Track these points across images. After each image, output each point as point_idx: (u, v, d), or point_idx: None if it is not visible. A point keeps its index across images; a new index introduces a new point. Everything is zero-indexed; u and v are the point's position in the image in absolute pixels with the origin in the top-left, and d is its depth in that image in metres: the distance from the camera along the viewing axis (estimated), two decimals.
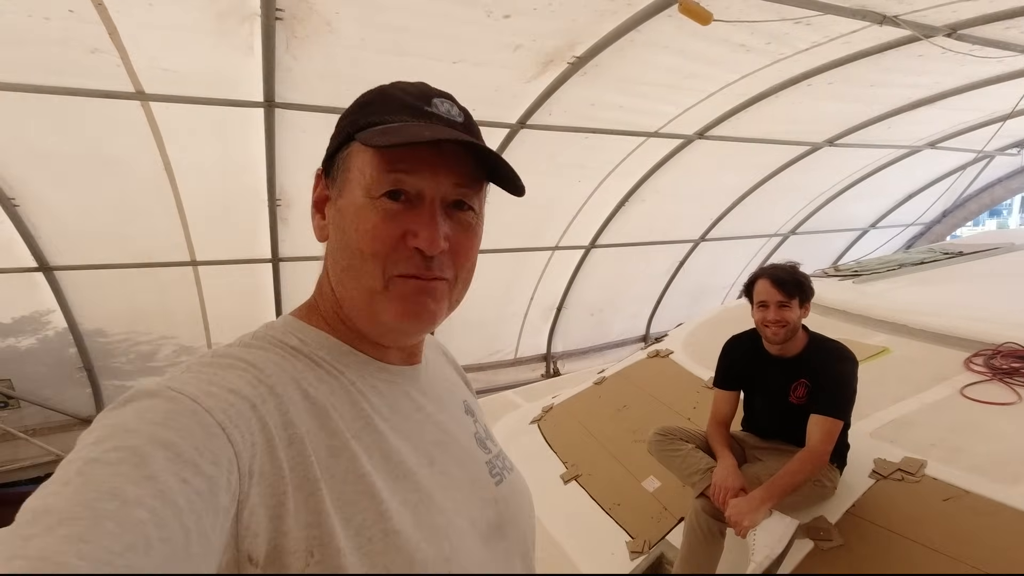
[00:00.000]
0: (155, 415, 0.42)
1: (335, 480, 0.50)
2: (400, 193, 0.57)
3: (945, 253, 4.87)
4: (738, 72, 3.69)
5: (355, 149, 0.58)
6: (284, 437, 0.48)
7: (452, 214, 0.60)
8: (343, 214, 0.59)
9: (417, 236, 0.57)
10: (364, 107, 0.61)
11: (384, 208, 0.57)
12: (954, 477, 2.05)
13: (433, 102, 0.61)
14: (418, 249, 0.57)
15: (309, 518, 0.47)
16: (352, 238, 0.58)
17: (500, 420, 3.92)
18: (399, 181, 0.57)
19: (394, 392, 0.62)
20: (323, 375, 0.57)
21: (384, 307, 0.58)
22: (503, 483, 0.68)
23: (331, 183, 0.61)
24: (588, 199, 5.28)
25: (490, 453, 0.70)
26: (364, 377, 0.60)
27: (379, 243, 0.57)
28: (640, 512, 2.57)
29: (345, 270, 0.59)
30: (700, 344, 3.73)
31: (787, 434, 2.13)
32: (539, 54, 3.17)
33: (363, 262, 0.57)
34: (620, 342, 7.33)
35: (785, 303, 2.00)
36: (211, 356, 0.53)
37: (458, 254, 0.61)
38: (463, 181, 0.59)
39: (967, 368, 2.71)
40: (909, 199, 7.74)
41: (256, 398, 0.48)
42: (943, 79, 4.22)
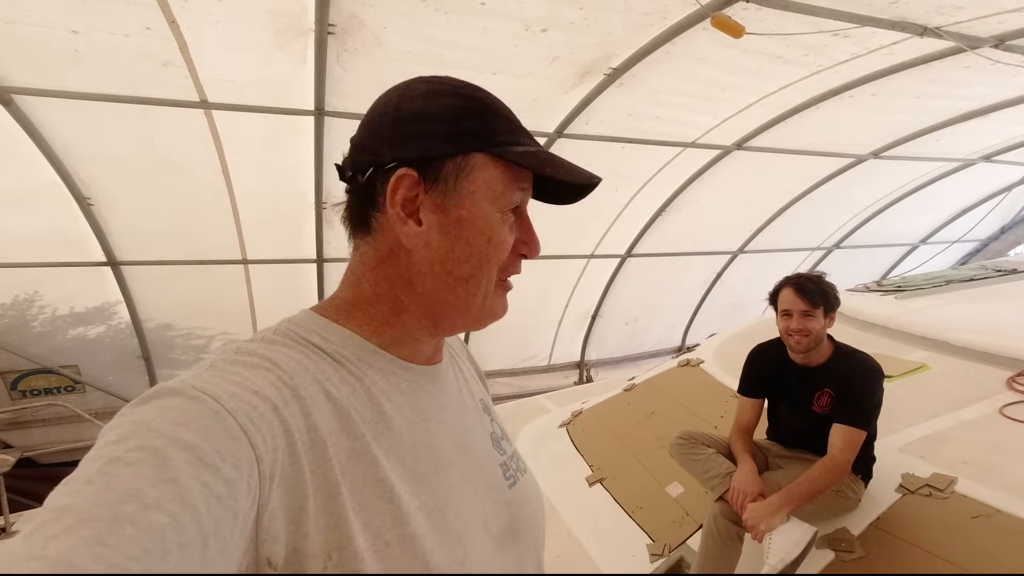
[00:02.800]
0: (178, 415, 0.42)
1: (355, 484, 0.50)
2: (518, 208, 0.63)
3: (997, 270, 4.68)
4: (776, 83, 3.69)
5: (482, 162, 0.59)
6: (306, 440, 0.48)
7: None
8: (466, 225, 0.59)
9: (528, 246, 0.64)
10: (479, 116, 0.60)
11: (509, 222, 0.61)
12: (985, 495, 2.01)
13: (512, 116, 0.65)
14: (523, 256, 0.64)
15: (328, 521, 0.47)
16: (482, 249, 0.59)
17: (530, 423, 3.99)
18: (521, 199, 0.62)
19: (416, 392, 0.62)
20: (346, 375, 0.57)
21: (491, 308, 0.63)
22: (516, 485, 0.68)
23: (431, 187, 0.58)
24: (624, 208, 5.31)
25: (505, 454, 0.71)
26: (387, 377, 0.60)
27: (501, 253, 0.61)
28: (662, 516, 2.60)
29: (465, 279, 0.60)
30: (732, 354, 3.71)
31: (810, 443, 2.13)
32: (576, 66, 3.26)
33: (486, 270, 0.60)
34: (655, 352, 7.28)
35: (809, 312, 2.01)
36: (235, 353, 0.52)
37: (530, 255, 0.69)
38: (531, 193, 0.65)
39: (1010, 387, 2.63)
40: (963, 214, 7.43)
41: (279, 400, 0.48)
42: (995, 91, 4.09)
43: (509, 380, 6.55)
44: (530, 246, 0.63)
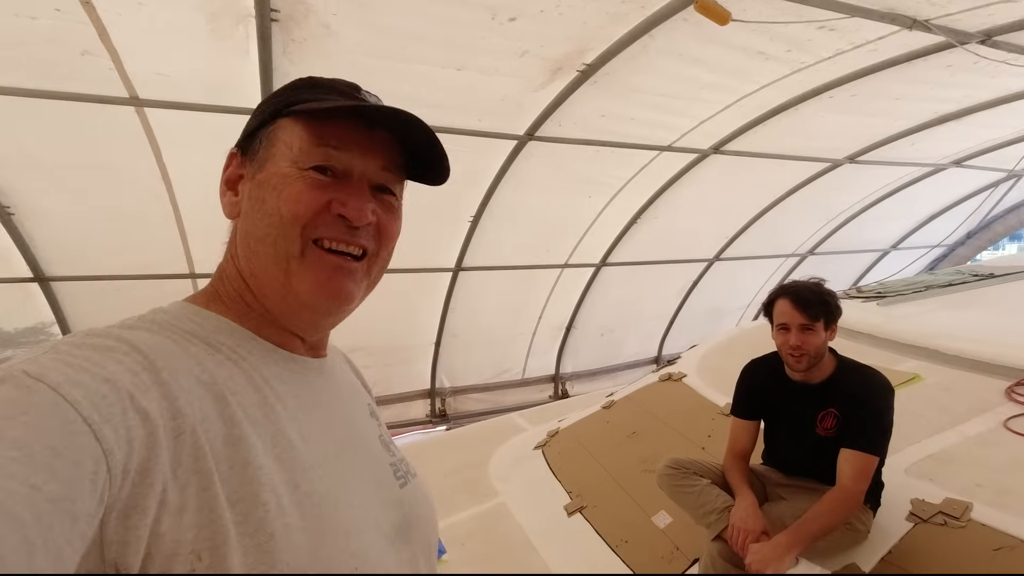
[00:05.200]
0: (3, 408, 0.37)
1: (232, 472, 0.47)
2: (327, 169, 0.58)
3: (975, 275, 4.63)
4: (756, 82, 3.53)
5: (282, 125, 0.59)
6: (171, 428, 0.44)
7: (377, 195, 0.62)
8: (263, 185, 0.58)
9: (345, 205, 0.58)
10: (293, 89, 0.63)
11: (312, 178, 0.57)
12: (1006, 523, 1.82)
13: (363, 92, 0.64)
14: (343, 218, 0.58)
15: (198, 517, 0.43)
16: (272, 204, 0.57)
17: (503, 444, 3.74)
18: (328, 156, 0.58)
19: (301, 383, 0.60)
20: (222, 360, 0.53)
21: (300, 277, 0.57)
22: (407, 487, 0.67)
23: (248, 161, 0.61)
24: (599, 215, 5.12)
25: (394, 456, 0.69)
26: (269, 365, 0.57)
27: (302, 207, 0.57)
28: (650, 551, 2.37)
29: (260, 240, 0.57)
30: (716, 367, 3.53)
31: (814, 470, 1.92)
32: (547, 61, 3.04)
33: (282, 228, 0.56)
34: (632, 363, 7.10)
35: (809, 326, 1.81)
36: (84, 335, 0.47)
37: (383, 232, 0.63)
38: (389, 166, 0.62)
39: (1009, 398, 2.49)
40: (933, 219, 7.48)
41: (135, 386, 0.44)
42: (973, 92, 4.03)
43: (482, 396, 6.28)
44: (347, 205, 0.58)
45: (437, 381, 5.91)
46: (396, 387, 5.72)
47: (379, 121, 0.60)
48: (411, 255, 4.80)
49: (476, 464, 3.43)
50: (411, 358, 5.66)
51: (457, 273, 5.10)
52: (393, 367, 5.57)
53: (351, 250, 0.60)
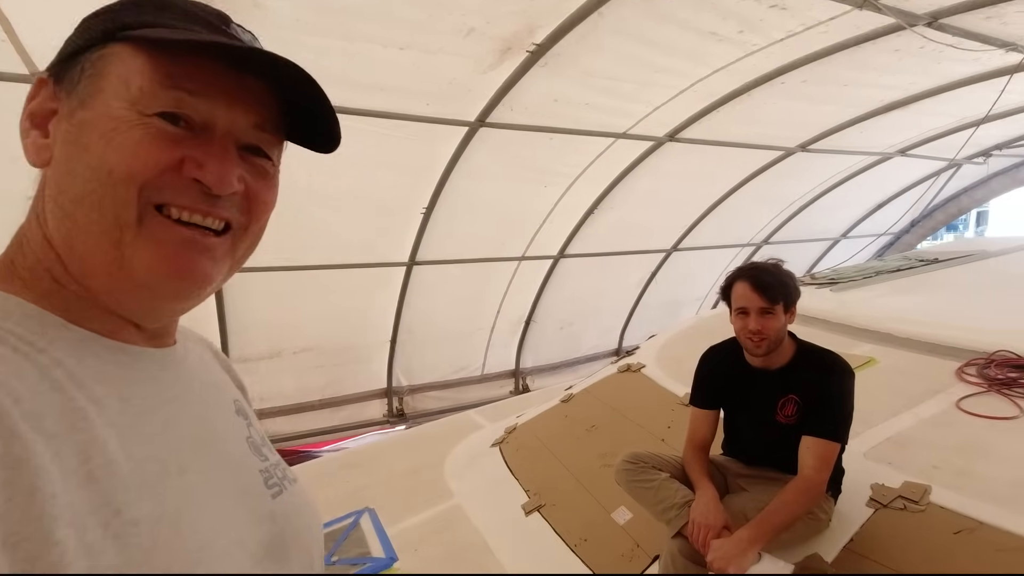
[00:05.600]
0: None
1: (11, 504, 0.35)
2: (180, 119, 0.46)
3: (921, 260, 4.76)
4: (709, 66, 3.48)
5: (116, 52, 0.46)
6: None
7: (247, 158, 0.51)
8: (87, 128, 0.45)
9: (203, 167, 0.46)
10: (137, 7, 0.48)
11: (157, 127, 0.45)
12: (964, 505, 1.79)
13: (234, 27, 0.52)
14: (199, 184, 0.47)
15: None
16: (98, 154, 0.44)
17: (461, 442, 3.61)
18: (182, 102, 0.46)
19: (132, 378, 0.48)
20: (5, 353, 0.41)
21: (136, 251, 0.45)
22: (282, 496, 0.57)
23: (64, 92, 0.47)
24: (555, 205, 5.02)
25: (267, 461, 0.59)
26: (81, 358, 0.45)
27: (141, 163, 0.44)
28: (609, 549, 2.28)
29: (78, 200, 0.45)
30: (674, 357, 3.48)
31: (775, 459, 1.85)
32: (495, 40, 2.89)
33: (110, 187, 0.44)
34: (592, 356, 7.05)
35: (768, 309, 1.73)
36: None
37: (254, 203, 0.52)
38: (264, 123, 0.51)
39: (960, 379, 2.51)
40: (880, 208, 7.70)
41: None
42: (918, 79, 4.10)
43: (441, 393, 6.11)
44: (207, 169, 0.46)
45: (394, 380, 5.71)
46: (350, 387, 5.49)
47: (253, 65, 0.48)
48: (362, 249, 4.59)
49: (432, 465, 3.29)
50: (365, 357, 5.44)
51: (411, 267, 4.92)
52: (346, 367, 5.35)
53: (209, 223, 0.48)
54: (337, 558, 2.55)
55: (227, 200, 0.49)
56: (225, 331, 4.50)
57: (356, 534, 2.69)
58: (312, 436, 5.33)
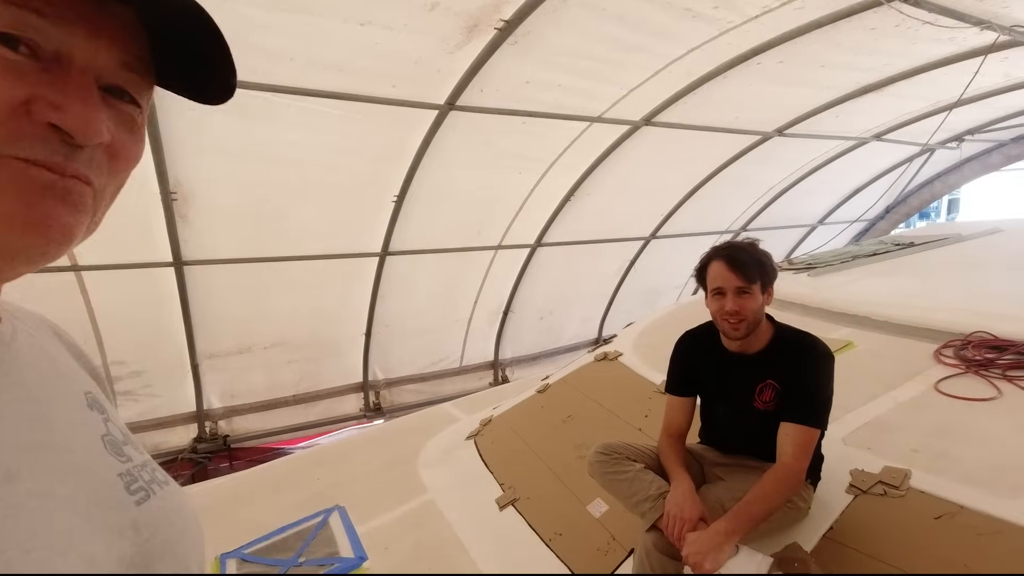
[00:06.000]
0: None
1: None
2: (21, 43, 0.36)
3: (896, 244, 4.78)
4: (685, 45, 3.39)
5: None
6: None
7: (109, 102, 0.41)
8: None
9: (63, 110, 0.37)
10: None
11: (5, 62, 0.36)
12: (945, 489, 1.75)
13: None
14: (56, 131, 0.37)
15: None
16: None
17: (436, 436, 3.51)
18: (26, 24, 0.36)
19: None
20: None
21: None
22: (150, 502, 0.48)
23: None
24: (531, 193, 4.91)
25: (130, 462, 0.50)
26: None
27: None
28: (585, 543, 2.21)
29: None
30: (652, 345, 3.42)
31: (753, 447, 1.78)
32: (460, 16, 2.76)
33: None
34: (572, 346, 7.00)
35: (745, 289, 1.65)
36: None
37: (118, 157, 0.43)
38: (133, 63, 0.42)
39: (938, 361, 2.49)
40: (855, 194, 7.74)
41: None
42: (893, 60, 4.06)
43: (419, 386, 6.00)
44: (68, 113, 0.37)
45: (370, 374, 5.59)
46: (325, 382, 5.36)
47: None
48: (331, 240, 4.44)
49: (405, 459, 3.19)
50: (340, 351, 5.30)
51: (384, 258, 4.78)
52: (320, 361, 5.21)
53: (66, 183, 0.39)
54: (304, 559, 2.45)
55: (87, 153, 0.40)
56: (191, 326, 4.34)
57: (325, 533, 2.60)
58: (286, 432, 5.19)
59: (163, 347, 4.32)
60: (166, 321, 4.33)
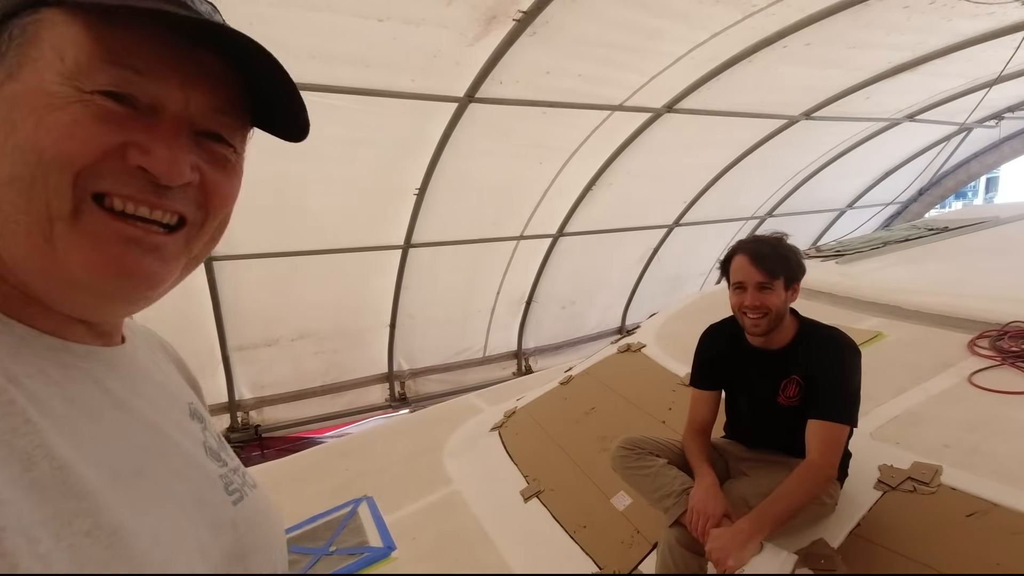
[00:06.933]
0: None
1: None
2: (125, 98, 0.41)
3: (930, 229, 4.63)
4: (707, 30, 3.31)
5: (50, 19, 0.41)
6: None
7: (204, 145, 0.46)
8: (15, 103, 0.40)
9: (149, 153, 0.41)
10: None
11: (98, 106, 0.40)
12: (976, 486, 1.71)
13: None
14: (145, 173, 0.42)
15: None
16: (28, 134, 0.39)
17: (460, 427, 3.56)
18: (126, 80, 0.41)
19: (76, 379, 0.45)
20: None
21: (70, 246, 0.41)
22: (243, 503, 0.54)
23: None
24: (552, 183, 4.89)
25: (225, 466, 0.56)
26: (21, 357, 0.41)
27: (77, 145, 0.39)
28: (609, 536, 2.22)
29: (6, 183, 0.40)
30: (675, 336, 3.40)
31: (777, 442, 1.77)
32: (478, 8, 2.75)
33: (43, 170, 0.39)
34: (595, 335, 6.98)
35: (767, 284, 1.63)
36: None
37: (213, 195, 0.47)
38: (224, 107, 0.46)
39: (972, 352, 2.42)
40: (886, 177, 7.50)
41: None
42: (927, 38, 3.91)
43: (443, 376, 6.07)
44: (153, 156, 0.41)
45: (395, 364, 5.67)
46: (350, 373, 5.45)
47: (208, 40, 0.43)
48: (355, 234, 4.50)
49: (431, 450, 3.24)
50: (365, 342, 5.39)
51: (407, 250, 4.83)
52: (346, 352, 5.30)
53: (158, 216, 0.44)
54: (335, 548, 2.52)
55: (179, 192, 0.44)
56: (220, 319, 4.45)
57: (354, 523, 2.66)
58: (313, 423, 5.31)
59: (195, 340, 4.44)
60: (196, 315, 4.44)
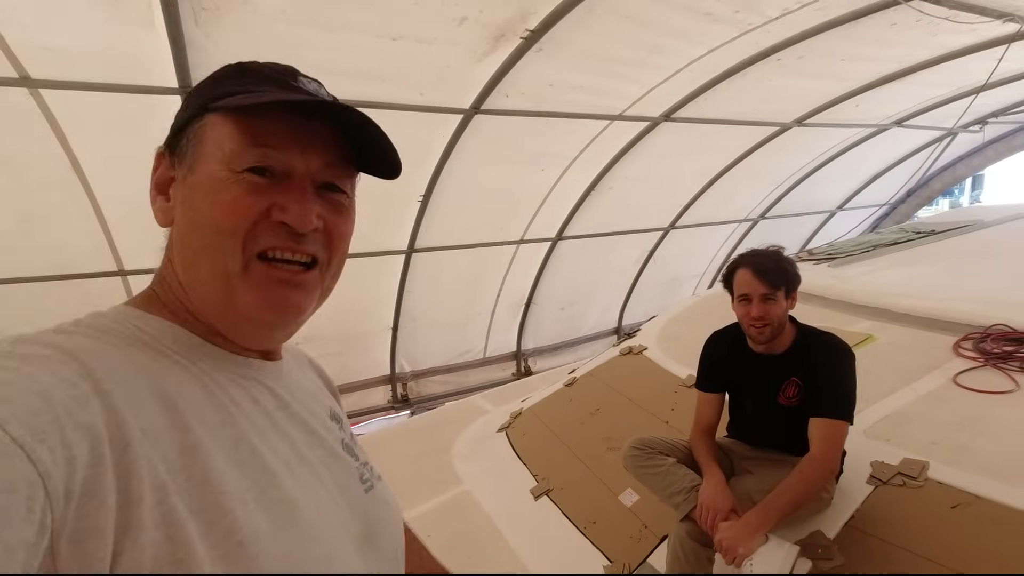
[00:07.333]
0: None
1: (191, 483, 0.45)
2: (265, 170, 0.54)
3: (918, 232, 4.77)
4: (705, 45, 3.45)
5: (211, 122, 0.55)
6: (117, 441, 0.41)
7: (324, 195, 0.58)
8: (196, 190, 0.54)
9: (286, 210, 0.54)
10: (220, 80, 0.57)
11: (248, 181, 0.53)
12: (961, 480, 1.85)
13: (300, 79, 0.59)
14: (286, 225, 0.54)
15: (156, 534, 0.40)
16: (206, 213, 0.53)
17: (467, 428, 3.66)
18: (265, 156, 0.54)
19: (254, 387, 0.58)
20: (170, 365, 0.51)
21: (242, 294, 0.54)
22: (373, 491, 0.65)
23: (177, 161, 0.57)
24: (552, 188, 5.00)
25: (358, 460, 0.67)
26: (220, 369, 0.55)
27: (240, 216, 0.53)
28: (618, 531, 2.33)
29: (198, 252, 0.54)
30: (676, 339, 3.52)
31: (779, 441, 1.90)
32: (488, 27, 2.86)
33: (220, 239, 0.53)
34: (592, 336, 7.10)
35: (770, 295, 1.76)
36: (12, 343, 0.44)
37: (332, 236, 0.59)
38: (335, 162, 0.57)
39: (957, 353, 2.55)
40: (875, 179, 7.69)
41: (74, 400, 0.40)
42: (914, 51, 4.06)
43: (445, 377, 6.17)
44: (289, 212, 0.54)
45: (397, 366, 5.76)
46: (354, 375, 5.54)
47: (319, 114, 0.55)
48: (361, 238, 4.53)
49: (439, 451, 3.33)
50: (368, 345, 5.48)
51: (410, 255, 4.92)
52: (349, 355, 5.38)
53: (298, 258, 0.56)
54: None
55: (310, 236, 0.56)
56: None
57: None
58: None
59: None
60: None
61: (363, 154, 0.60)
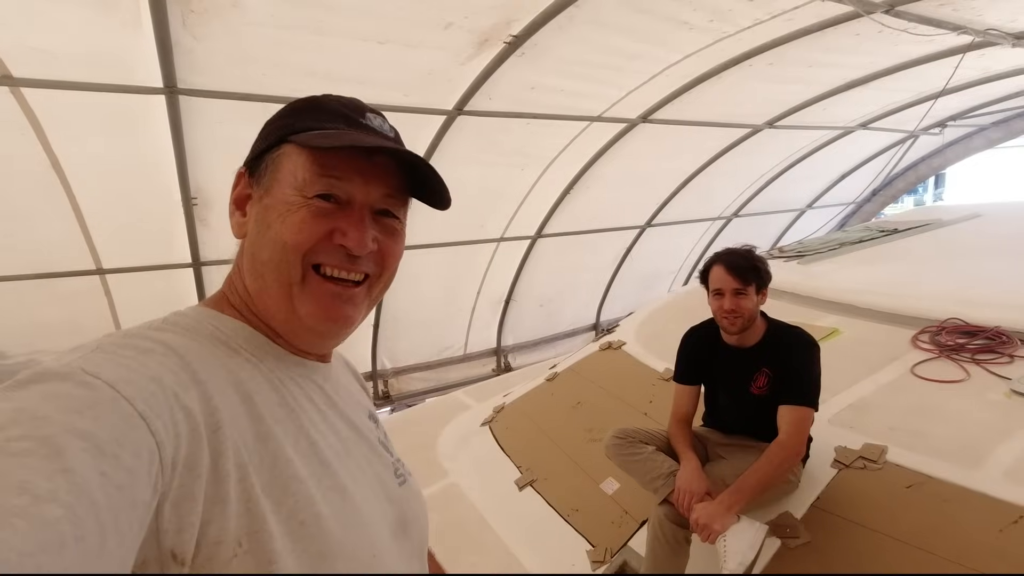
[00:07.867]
0: (70, 402, 0.40)
1: (263, 466, 0.51)
2: (331, 196, 0.60)
3: (881, 231, 4.98)
4: (681, 52, 3.58)
5: (287, 151, 0.61)
6: (210, 424, 0.48)
7: (379, 220, 0.64)
8: (270, 210, 0.61)
9: (346, 235, 0.60)
10: (297, 113, 0.64)
11: (316, 206, 0.60)
12: (916, 462, 2.00)
13: (367, 115, 0.66)
14: (344, 247, 0.61)
15: (238, 507, 0.47)
16: (277, 230, 0.59)
17: (450, 423, 3.72)
18: (331, 185, 0.60)
19: (309, 385, 0.64)
20: (242, 362, 0.57)
21: (301, 302, 0.60)
22: (405, 485, 0.72)
23: (255, 182, 0.63)
24: (532, 188, 5.09)
25: (392, 456, 0.74)
26: (283, 368, 0.62)
27: (304, 235, 0.59)
28: (600, 517, 2.44)
29: (265, 263, 0.60)
30: (653, 334, 3.64)
31: (750, 428, 2.02)
32: (473, 33, 2.93)
33: (284, 253, 0.59)
34: (571, 332, 7.22)
35: (741, 290, 1.89)
36: (123, 336, 0.51)
37: (385, 256, 0.65)
38: (392, 192, 0.64)
39: (915, 346, 2.71)
40: (843, 179, 7.97)
41: (178, 386, 0.48)
42: (877, 59, 4.27)
43: (425, 374, 6.21)
44: (348, 235, 0.61)
45: (378, 364, 5.79)
46: None
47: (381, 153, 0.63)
48: None
49: (424, 446, 3.39)
50: (349, 343, 5.21)
51: None
52: None
53: (351, 277, 0.63)
54: None
55: (365, 257, 0.63)
56: None
57: None
58: None
59: None
60: None
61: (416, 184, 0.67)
